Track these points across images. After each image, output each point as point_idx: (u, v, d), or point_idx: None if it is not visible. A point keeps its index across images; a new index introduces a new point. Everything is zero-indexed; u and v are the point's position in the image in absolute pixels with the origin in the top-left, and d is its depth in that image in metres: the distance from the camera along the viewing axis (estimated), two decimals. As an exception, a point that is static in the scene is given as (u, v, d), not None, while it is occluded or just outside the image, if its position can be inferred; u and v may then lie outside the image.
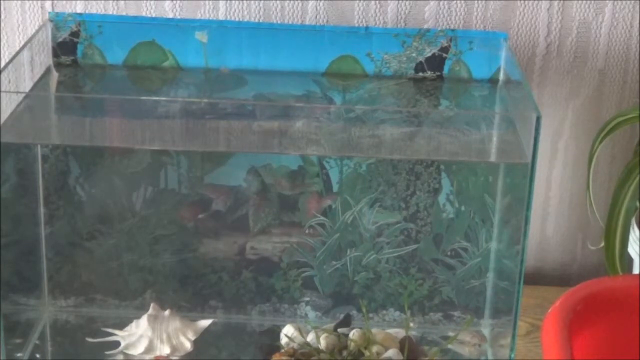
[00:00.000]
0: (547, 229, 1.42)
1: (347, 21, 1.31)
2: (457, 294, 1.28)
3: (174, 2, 1.31)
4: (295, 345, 1.15)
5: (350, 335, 1.14)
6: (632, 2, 1.31)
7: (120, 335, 1.20)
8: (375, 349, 1.13)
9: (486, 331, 1.26)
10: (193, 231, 1.26)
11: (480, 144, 1.13)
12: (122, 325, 1.22)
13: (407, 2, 1.31)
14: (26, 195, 1.24)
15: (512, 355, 1.14)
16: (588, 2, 1.31)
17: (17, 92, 1.14)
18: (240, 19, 1.31)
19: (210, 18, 1.31)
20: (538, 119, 1.04)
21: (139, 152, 1.23)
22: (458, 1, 1.31)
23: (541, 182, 1.38)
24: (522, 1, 1.31)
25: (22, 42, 1.28)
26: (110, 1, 1.31)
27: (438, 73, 1.25)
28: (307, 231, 1.26)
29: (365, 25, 1.31)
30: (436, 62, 1.25)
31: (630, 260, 1.29)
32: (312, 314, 1.29)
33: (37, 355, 1.23)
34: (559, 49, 1.33)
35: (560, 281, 1.42)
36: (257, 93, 1.23)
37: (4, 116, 1.09)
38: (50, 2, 1.31)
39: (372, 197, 1.25)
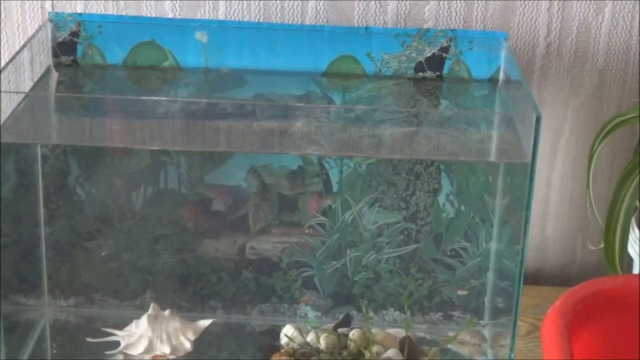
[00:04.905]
0: (547, 229, 1.42)
1: (347, 21, 1.31)
2: (457, 294, 1.28)
3: (174, 2, 1.31)
4: (295, 345, 1.15)
5: (350, 335, 1.14)
6: (632, 2, 1.31)
7: (120, 335, 1.20)
8: (375, 349, 1.13)
9: (486, 331, 1.26)
10: (193, 231, 1.26)
11: (480, 143, 1.13)
12: (122, 325, 1.22)
13: (407, 2, 1.31)
14: (26, 195, 1.24)
15: (512, 355, 1.14)
16: (588, 2, 1.31)
17: (17, 92, 1.14)
18: (240, 19, 1.31)
19: (210, 18, 1.31)
20: (538, 119, 1.04)
21: (139, 152, 1.23)
22: (458, 1, 1.31)
23: (541, 182, 1.38)
24: (522, 1, 1.31)
25: (22, 42, 1.28)
26: (110, 1, 1.31)
27: (438, 73, 1.25)
28: (307, 231, 1.26)
29: (365, 25, 1.31)
30: (436, 62, 1.24)
31: (630, 260, 1.29)
32: (312, 314, 1.29)
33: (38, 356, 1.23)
34: (559, 49, 1.33)
35: (560, 281, 1.42)
36: (257, 93, 1.23)
37: (4, 116, 1.09)
38: (50, 2, 1.31)
39: (372, 197, 1.25)
